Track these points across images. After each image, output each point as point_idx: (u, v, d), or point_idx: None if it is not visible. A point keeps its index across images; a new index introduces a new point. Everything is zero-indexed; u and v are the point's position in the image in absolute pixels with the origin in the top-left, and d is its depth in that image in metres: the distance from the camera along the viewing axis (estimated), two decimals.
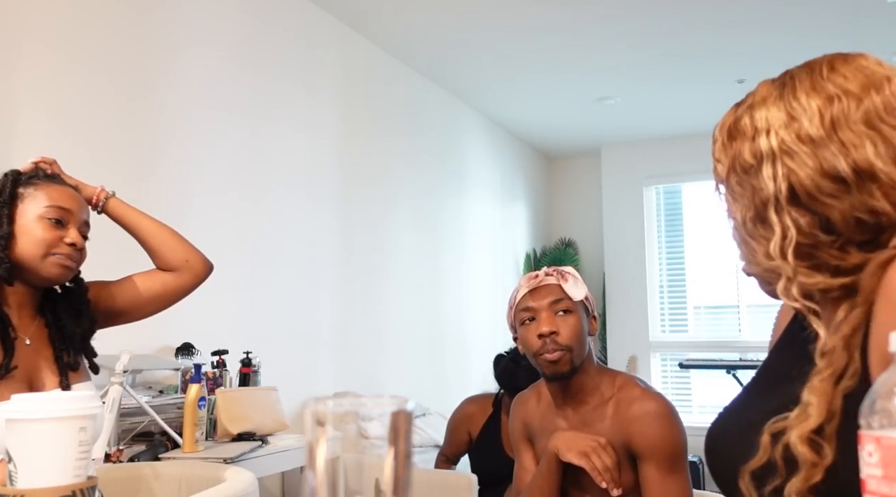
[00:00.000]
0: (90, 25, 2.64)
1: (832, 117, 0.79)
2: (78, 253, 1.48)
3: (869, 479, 0.53)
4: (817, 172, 0.79)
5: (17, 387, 1.38)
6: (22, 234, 1.43)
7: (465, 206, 5.35)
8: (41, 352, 1.49)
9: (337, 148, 3.92)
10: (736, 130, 0.87)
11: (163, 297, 1.65)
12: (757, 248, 0.84)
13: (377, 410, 0.52)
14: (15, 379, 1.40)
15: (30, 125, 2.40)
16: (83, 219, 1.50)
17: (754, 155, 0.83)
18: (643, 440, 1.48)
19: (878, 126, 0.78)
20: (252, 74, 3.36)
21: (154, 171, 2.83)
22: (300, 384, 3.43)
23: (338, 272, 3.85)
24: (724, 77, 4.96)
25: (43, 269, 1.44)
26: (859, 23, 4.12)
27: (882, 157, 0.77)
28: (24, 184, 1.48)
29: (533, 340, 1.55)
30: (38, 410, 0.83)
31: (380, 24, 4.06)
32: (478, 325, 5.31)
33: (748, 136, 0.84)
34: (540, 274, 1.62)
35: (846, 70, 0.83)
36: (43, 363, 1.48)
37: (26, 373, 1.44)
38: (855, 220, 0.78)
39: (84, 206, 1.53)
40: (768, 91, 0.87)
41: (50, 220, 1.44)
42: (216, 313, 3.01)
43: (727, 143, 0.87)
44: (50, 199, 1.46)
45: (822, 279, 0.80)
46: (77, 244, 1.46)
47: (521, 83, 5.09)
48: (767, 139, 0.82)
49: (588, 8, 3.93)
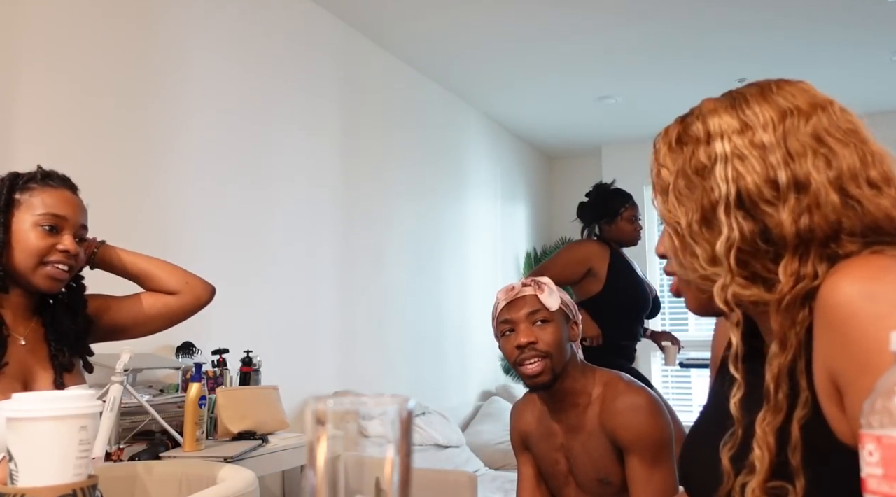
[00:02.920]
0: (90, 23, 2.64)
1: (784, 128, 0.82)
2: (72, 258, 1.47)
3: (869, 478, 0.53)
4: (762, 178, 0.80)
5: (12, 386, 1.38)
6: (17, 241, 1.43)
7: (465, 205, 5.35)
8: (36, 352, 1.49)
9: (337, 147, 3.92)
10: (686, 136, 0.88)
11: (165, 317, 1.65)
12: (699, 252, 0.84)
13: (378, 409, 0.52)
14: (9, 378, 1.40)
15: (29, 126, 2.40)
16: (79, 223, 1.49)
17: (709, 156, 0.84)
18: (626, 433, 1.51)
19: (825, 141, 0.80)
20: (252, 73, 3.36)
21: (154, 169, 2.83)
22: (301, 383, 3.43)
23: (338, 271, 3.86)
24: (725, 77, 4.95)
25: (34, 281, 1.45)
26: (859, 23, 4.12)
27: (820, 173, 0.79)
28: (21, 189, 1.46)
29: (512, 351, 1.61)
30: (39, 409, 0.83)
31: (380, 23, 4.06)
32: (478, 323, 5.31)
33: (702, 140, 0.86)
34: (517, 286, 1.68)
35: (794, 90, 0.85)
36: (38, 363, 1.48)
37: (21, 372, 1.44)
38: (790, 233, 0.79)
39: (81, 209, 1.51)
40: (716, 104, 0.89)
41: (44, 228, 1.43)
42: (217, 312, 2.99)
43: (675, 148, 0.89)
44: (44, 206, 1.45)
45: (756, 292, 0.81)
46: (70, 251, 1.45)
47: (521, 82, 5.09)
48: (722, 143, 0.84)
49: (589, 7, 3.93)
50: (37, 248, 1.42)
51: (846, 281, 0.73)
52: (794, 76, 0.90)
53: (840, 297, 0.72)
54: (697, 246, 0.84)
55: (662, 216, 0.89)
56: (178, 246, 2.84)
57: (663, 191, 0.89)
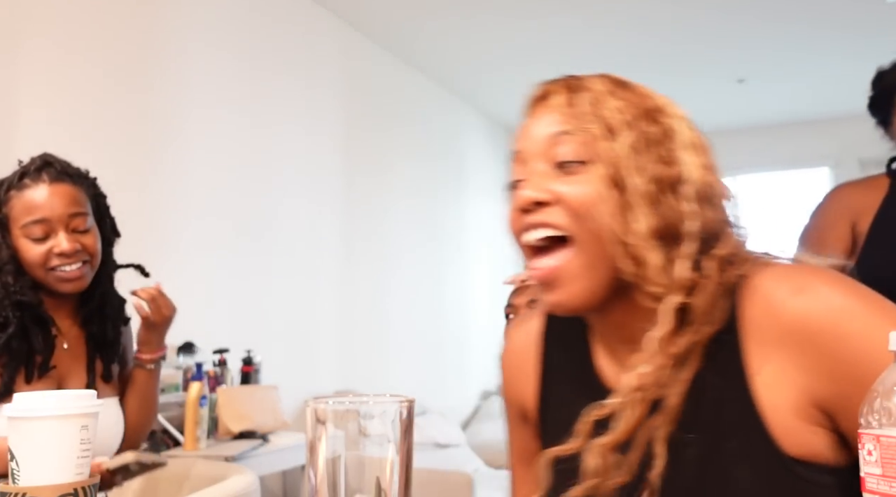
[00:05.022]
0: (91, 24, 2.64)
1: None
2: (75, 255, 1.37)
3: (868, 477, 0.53)
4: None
5: (47, 389, 1.37)
6: (21, 256, 1.38)
7: (465, 205, 5.35)
8: (76, 357, 1.48)
9: (338, 146, 3.92)
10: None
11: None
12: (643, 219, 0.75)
13: (378, 409, 0.52)
14: (48, 381, 1.40)
15: (31, 124, 2.40)
16: (68, 213, 1.37)
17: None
18: None
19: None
20: (252, 72, 3.36)
21: (155, 168, 2.83)
22: (301, 383, 3.43)
23: (339, 271, 3.86)
24: (725, 76, 4.96)
25: (52, 286, 1.40)
26: (859, 23, 4.12)
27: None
28: (4, 202, 1.38)
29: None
30: (40, 408, 0.83)
31: (380, 22, 4.06)
32: (478, 322, 5.31)
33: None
34: (520, 275, 1.71)
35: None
36: (74, 368, 1.47)
37: (58, 376, 1.44)
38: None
39: (66, 197, 1.38)
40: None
41: (33, 238, 1.36)
42: (217, 312, 3.01)
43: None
44: (26, 213, 1.36)
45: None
46: (66, 250, 1.35)
47: (521, 81, 5.06)
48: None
49: (589, 9, 3.93)
50: (34, 258, 1.36)
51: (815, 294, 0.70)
52: (793, 76, 0.88)
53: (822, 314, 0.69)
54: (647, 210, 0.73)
55: (601, 153, 0.74)
56: (179, 246, 2.85)
57: (608, 126, 0.74)
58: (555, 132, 0.76)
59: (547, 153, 0.76)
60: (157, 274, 1.70)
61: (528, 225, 0.76)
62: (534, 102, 0.81)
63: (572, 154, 0.75)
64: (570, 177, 0.74)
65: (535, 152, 0.77)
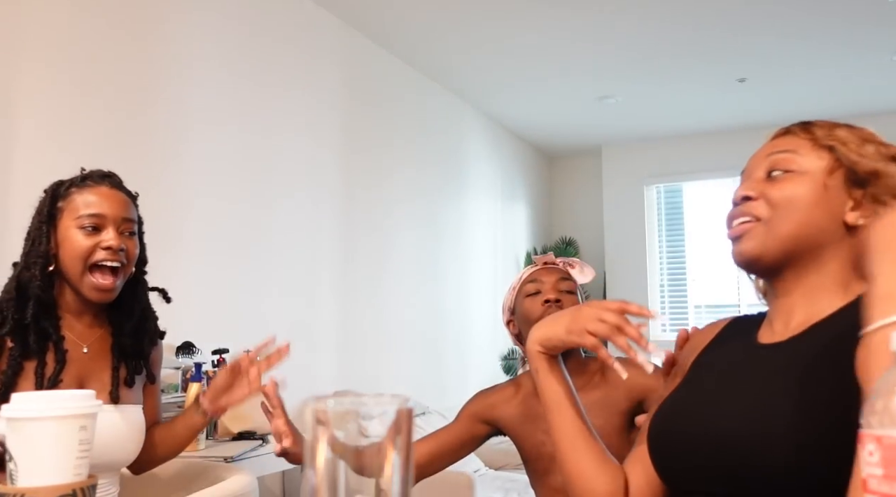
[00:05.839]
0: (90, 24, 2.64)
1: None
2: (119, 254, 1.44)
3: (870, 478, 0.52)
4: None
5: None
6: (64, 248, 1.43)
7: (465, 205, 5.35)
8: (98, 362, 1.49)
9: (338, 147, 3.92)
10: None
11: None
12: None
13: (378, 409, 0.52)
14: (64, 385, 1.40)
15: (30, 133, 2.39)
16: (121, 216, 1.47)
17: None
18: (650, 380, 1.44)
19: None
20: (253, 74, 3.36)
21: (156, 172, 2.83)
22: (300, 383, 3.41)
23: (338, 271, 3.86)
24: (725, 76, 4.96)
25: (83, 291, 1.44)
26: (859, 23, 4.12)
27: None
28: (63, 196, 1.46)
29: (537, 309, 1.60)
30: (38, 409, 0.83)
31: (381, 23, 4.06)
32: (478, 323, 5.31)
33: None
34: (550, 255, 1.74)
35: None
36: (96, 373, 1.47)
37: (78, 380, 1.44)
38: None
39: (122, 203, 1.48)
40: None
41: (85, 229, 1.43)
42: (217, 312, 3.01)
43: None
44: (84, 206, 1.44)
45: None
46: (114, 246, 1.43)
47: (521, 82, 5.09)
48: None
49: (589, 7, 3.93)
50: (80, 248, 1.42)
51: None
52: (794, 76, 0.93)
53: None
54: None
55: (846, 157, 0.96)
56: (180, 246, 2.84)
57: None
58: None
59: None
60: (158, 273, 1.70)
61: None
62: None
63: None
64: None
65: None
